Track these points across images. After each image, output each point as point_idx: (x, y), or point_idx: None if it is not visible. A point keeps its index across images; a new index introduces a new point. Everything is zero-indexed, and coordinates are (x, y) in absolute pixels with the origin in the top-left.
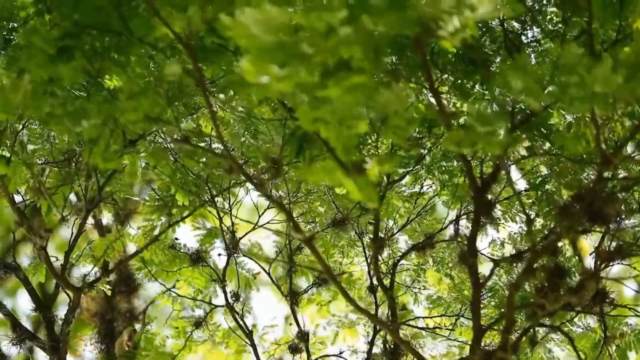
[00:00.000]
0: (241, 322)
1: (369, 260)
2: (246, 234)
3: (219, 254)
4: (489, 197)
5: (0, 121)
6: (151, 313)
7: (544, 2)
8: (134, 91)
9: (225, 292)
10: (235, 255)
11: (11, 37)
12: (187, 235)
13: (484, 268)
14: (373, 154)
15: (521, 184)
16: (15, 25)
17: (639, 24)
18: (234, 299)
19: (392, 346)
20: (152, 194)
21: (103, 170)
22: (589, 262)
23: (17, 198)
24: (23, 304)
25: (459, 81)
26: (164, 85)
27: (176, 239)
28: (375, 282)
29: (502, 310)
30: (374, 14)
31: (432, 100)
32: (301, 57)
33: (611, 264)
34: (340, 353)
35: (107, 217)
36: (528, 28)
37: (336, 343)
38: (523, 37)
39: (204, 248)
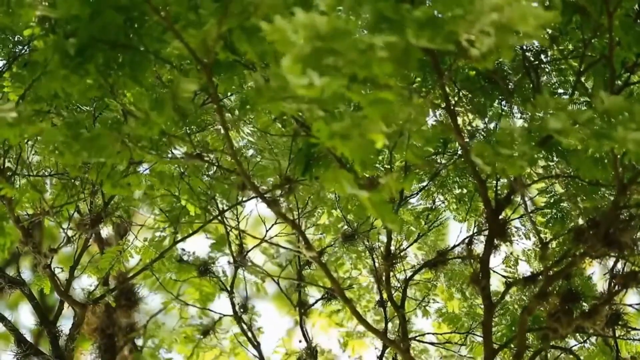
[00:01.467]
0: (249, 334)
1: (378, 275)
2: (253, 247)
3: (229, 262)
4: (503, 217)
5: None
6: (153, 327)
7: (564, 22)
8: (148, 107)
9: (232, 303)
10: (242, 267)
11: (16, 54)
12: (195, 243)
13: (497, 285)
14: (387, 169)
15: (539, 201)
16: (20, 40)
17: None
18: (241, 310)
19: None
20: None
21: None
22: (603, 286)
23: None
24: (25, 317)
25: (477, 99)
26: (178, 101)
27: (182, 249)
28: (385, 297)
29: (514, 329)
30: (413, 30)
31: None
32: (333, 68)
33: (625, 289)
34: None
35: (106, 230)
36: (548, 48)
37: (345, 354)
38: (542, 56)
39: (211, 258)
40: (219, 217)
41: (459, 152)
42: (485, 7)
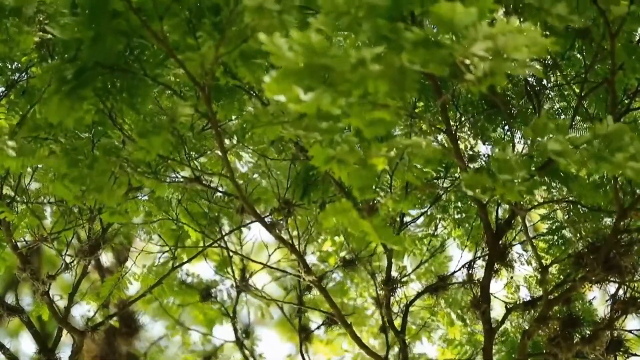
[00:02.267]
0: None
1: (380, 300)
2: (255, 272)
3: (231, 286)
4: (504, 241)
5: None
6: (154, 352)
7: (567, 47)
8: (146, 131)
9: (235, 329)
10: (245, 292)
11: (14, 81)
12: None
13: (497, 311)
14: (387, 192)
15: (539, 227)
16: (18, 67)
17: None
18: (244, 335)
19: None
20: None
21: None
22: (603, 311)
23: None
24: (25, 345)
25: (479, 123)
26: (176, 125)
27: (186, 273)
28: (386, 323)
29: (514, 355)
30: (407, 50)
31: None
32: (326, 84)
33: (626, 314)
34: None
35: (107, 258)
36: (550, 72)
37: None
38: (544, 81)
39: (214, 282)
40: (219, 242)
41: (460, 177)
42: (479, 34)
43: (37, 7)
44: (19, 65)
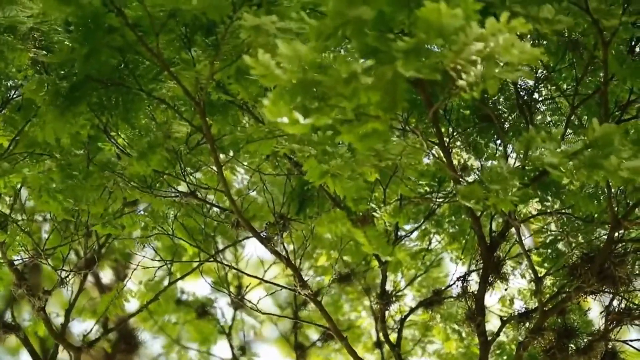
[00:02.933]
0: None
1: (375, 315)
2: (249, 287)
3: (228, 303)
4: (498, 254)
5: None
6: None
7: (558, 60)
8: (142, 146)
9: (231, 346)
10: (241, 309)
11: (9, 97)
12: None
13: (493, 324)
14: (381, 205)
15: (531, 241)
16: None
17: None
18: (240, 352)
19: None
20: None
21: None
22: (599, 322)
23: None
24: None
25: (472, 137)
26: (171, 140)
27: (182, 291)
28: (381, 337)
29: None
30: (398, 60)
31: (442, 155)
32: (319, 98)
33: (620, 325)
34: None
35: (107, 274)
36: (541, 85)
37: None
38: (536, 94)
39: (210, 300)
40: (215, 257)
41: (454, 191)
42: (469, 37)
43: (32, 24)
44: (16, 81)
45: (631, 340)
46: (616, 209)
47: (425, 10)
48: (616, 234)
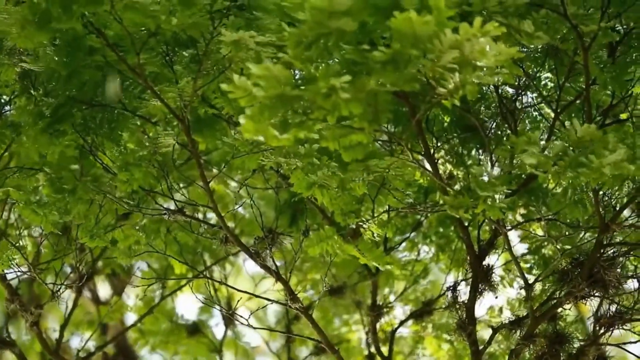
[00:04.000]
0: None
1: (366, 328)
2: (238, 301)
3: (217, 324)
4: (487, 262)
5: None
6: None
7: (539, 67)
8: (127, 164)
9: None
10: (232, 325)
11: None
12: (186, 305)
13: (484, 333)
14: (369, 218)
15: (519, 248)
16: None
17: (637, 89)
18: None
19: None
20: (147, 266)
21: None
22: (589, 327)
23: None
24: None
25: (455, 148)
26: (157, 157)
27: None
28: (373, 350)
29: None
30: (375, 71)
31: (428, 166)
32: (301, 113)
33: (611, 329)
34: None
35: (104, 289)
36: (522, 93)
37: None
38: (517, 103)
39: (202, 318)
40: (204, 273)
41: (441, 201)
42: (444, 44)
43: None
44: (3, 98)
45: (624, 344)
46: (603, 213)
47: (396, 20)
48: (605, 237)
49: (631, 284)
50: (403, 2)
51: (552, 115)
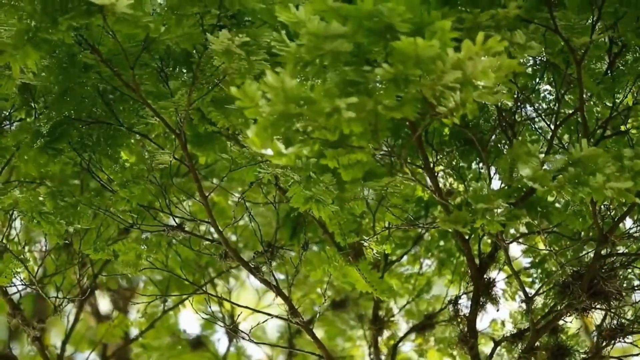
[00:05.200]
0: None
1: (369, 342)
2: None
3: (219, 339)
4: (488, 276)
5: None
6: None
7: (537, 80)
8: (125, 181)
9: None
10: (235, 340)
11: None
12: (189, 319)
13: (485, 347)
14: (369, 234)
15: (523, 261)
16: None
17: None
18: None
19: None
20: (149, 280)
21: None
22: (592, 340)
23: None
24: None
25: (455, 161)
26: (155, 173)
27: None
28: None
29: None
30: (375, 91)
31: (428, 180)
32: (302, 132)
33: (613, 342)
34: None
35: (105, 304)
36: (521, 106)
37: None
38: (517, 116)
39: (204, 333)
40: (205, 288)
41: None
42: (446, 65)
43: None
44: (3, 112)
45: (625, 356)
46: (601, 224)
47: (401, 43)
48: (604, 250)
49: (634, 296)
50: (397, 26)
51: (551, 128)
